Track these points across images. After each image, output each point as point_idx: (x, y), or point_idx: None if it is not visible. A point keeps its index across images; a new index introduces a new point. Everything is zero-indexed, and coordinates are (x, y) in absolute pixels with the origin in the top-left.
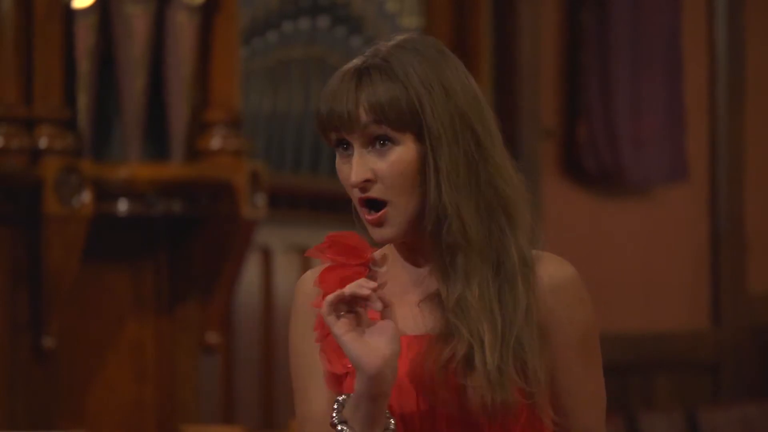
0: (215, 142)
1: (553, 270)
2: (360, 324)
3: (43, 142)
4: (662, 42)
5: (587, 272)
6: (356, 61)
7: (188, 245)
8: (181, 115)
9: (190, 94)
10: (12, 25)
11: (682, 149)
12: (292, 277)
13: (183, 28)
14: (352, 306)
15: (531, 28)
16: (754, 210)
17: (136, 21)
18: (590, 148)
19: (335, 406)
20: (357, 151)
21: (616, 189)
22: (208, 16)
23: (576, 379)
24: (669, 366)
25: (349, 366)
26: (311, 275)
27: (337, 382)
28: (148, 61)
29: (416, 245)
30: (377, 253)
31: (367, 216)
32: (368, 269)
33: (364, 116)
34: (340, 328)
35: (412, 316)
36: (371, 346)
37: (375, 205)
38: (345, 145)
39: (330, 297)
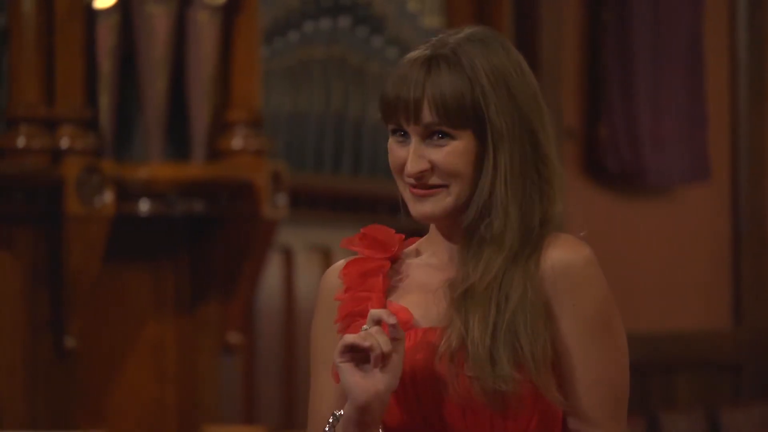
0: (236, 142)
1: (561, 253)
2: (367, 360)
3: (64, 142)
4: (684, 42)
5: (608, 272)
6: (425, 50)
7: (209, 245)
8: (202, 115)
9: (212, 94)
10: (33, 25)
11: (703, 149)
12: (314, 277)
13: (204, 28)
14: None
15: (552, 28)
16: None
17: (158, 21)
18: (611, 147)
19: (330, 420)
20: (414, 143)
21: (637, 189)
22: (229, 16)
23: (580, 363)
24: (690, 366)
25: None
26: (336, 268)
27: None
28: (170, 61)
29: (451, 231)
30: (410, 248)
31: (413, 189)
32: (390, 263)
33: (427, 113)
34: (343, 357)
35: (428, 306)
36: (366, 378)
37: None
38: (402, 132)
39: (346, 343)
